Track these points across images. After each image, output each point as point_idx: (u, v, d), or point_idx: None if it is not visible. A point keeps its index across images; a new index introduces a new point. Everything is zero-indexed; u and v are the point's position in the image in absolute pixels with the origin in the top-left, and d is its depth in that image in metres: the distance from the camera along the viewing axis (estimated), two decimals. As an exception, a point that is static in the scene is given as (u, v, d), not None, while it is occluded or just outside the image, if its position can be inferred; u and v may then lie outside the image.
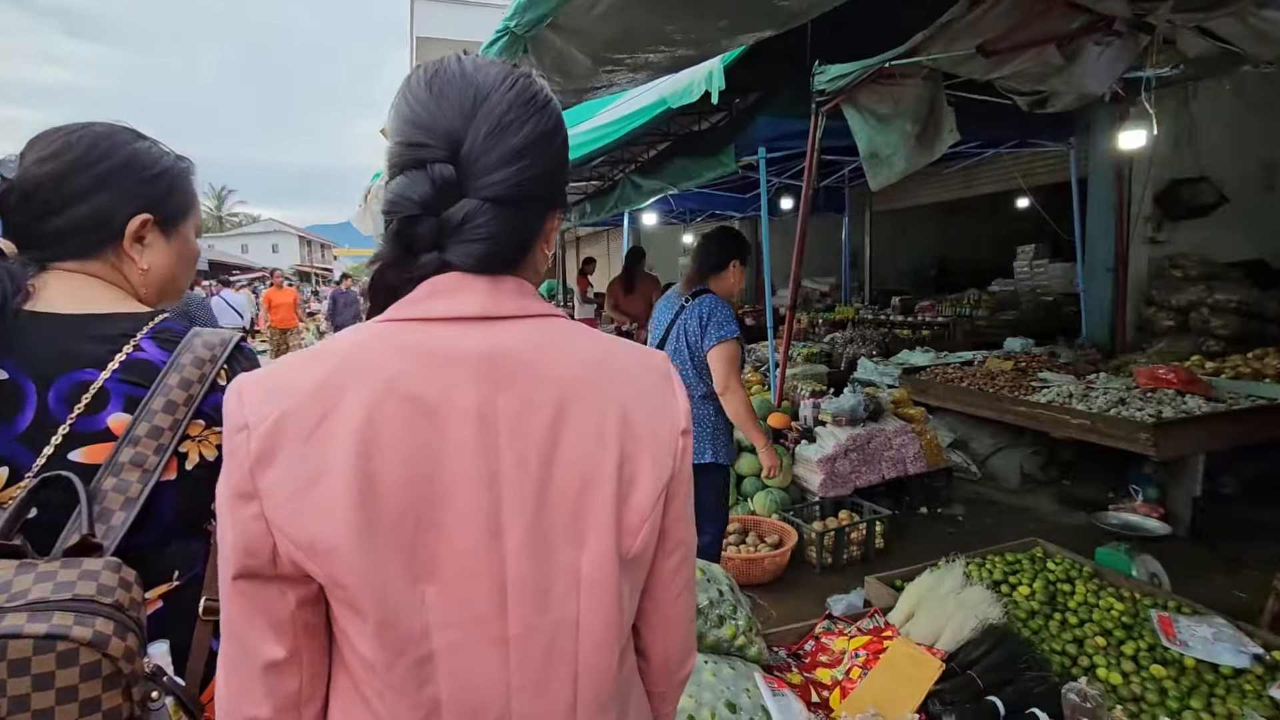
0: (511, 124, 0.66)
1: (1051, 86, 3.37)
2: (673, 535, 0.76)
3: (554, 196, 0.74)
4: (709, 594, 2.08)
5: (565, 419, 0.67)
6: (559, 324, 0.72)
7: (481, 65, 0.69)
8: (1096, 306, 6.01)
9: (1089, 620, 2.38)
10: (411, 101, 0.68)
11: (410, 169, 0.66)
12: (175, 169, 1.01)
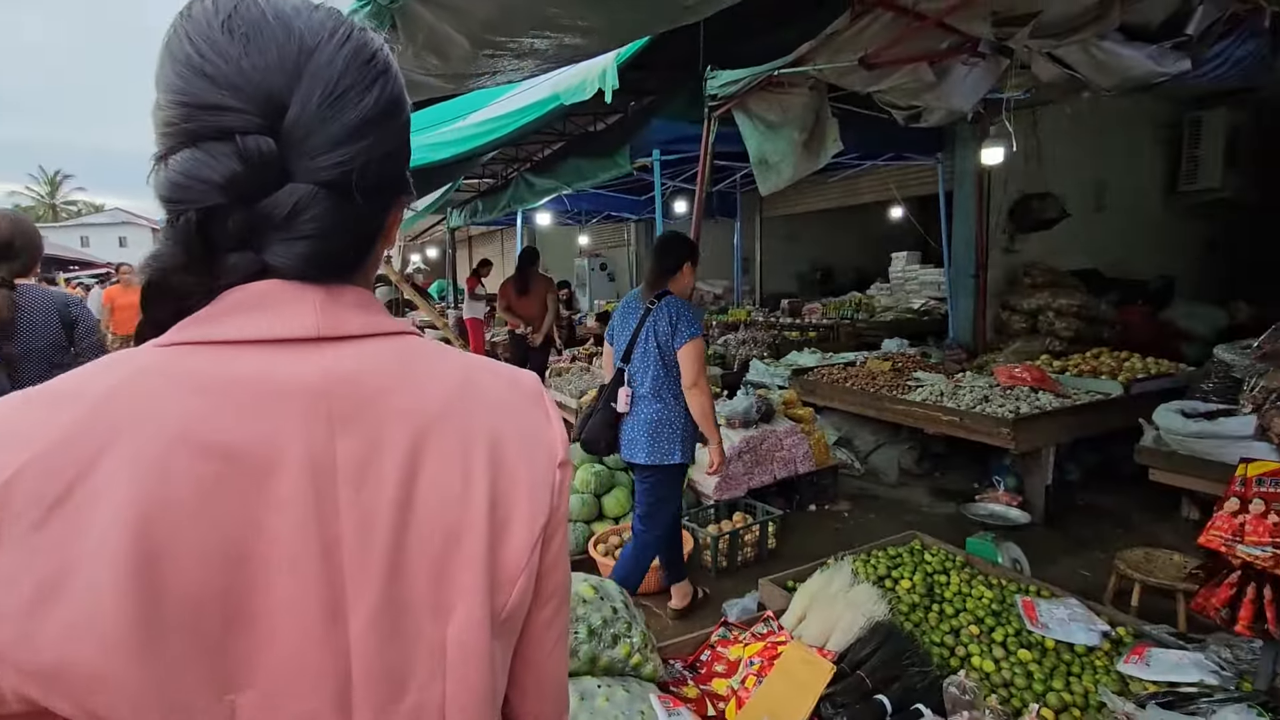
0: (350, 90, 0.52)
1: (925, 102, 3.57)
2: (550, 581, 0.65)
3: (399, 182, 0.61)
4: (602, 613, 1.98)
5: (423, 461, 0.54)
6: (412, 343, 0.59)
7: (295, 6, 0.53)
8: (961, 310, 6.50)
9: (963, 609, 2.50)
10: (201, 46, 0.50)
11: (206, 140, 0.49)
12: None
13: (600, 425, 2.68)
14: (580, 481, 3.63)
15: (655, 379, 2.63)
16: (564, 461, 0.64)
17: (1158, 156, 7.26)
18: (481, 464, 0.57)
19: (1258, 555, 1.69)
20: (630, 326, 2.68)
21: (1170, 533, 3.66)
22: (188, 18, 0.52)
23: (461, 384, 0.60)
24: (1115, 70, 3.00)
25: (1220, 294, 7.31)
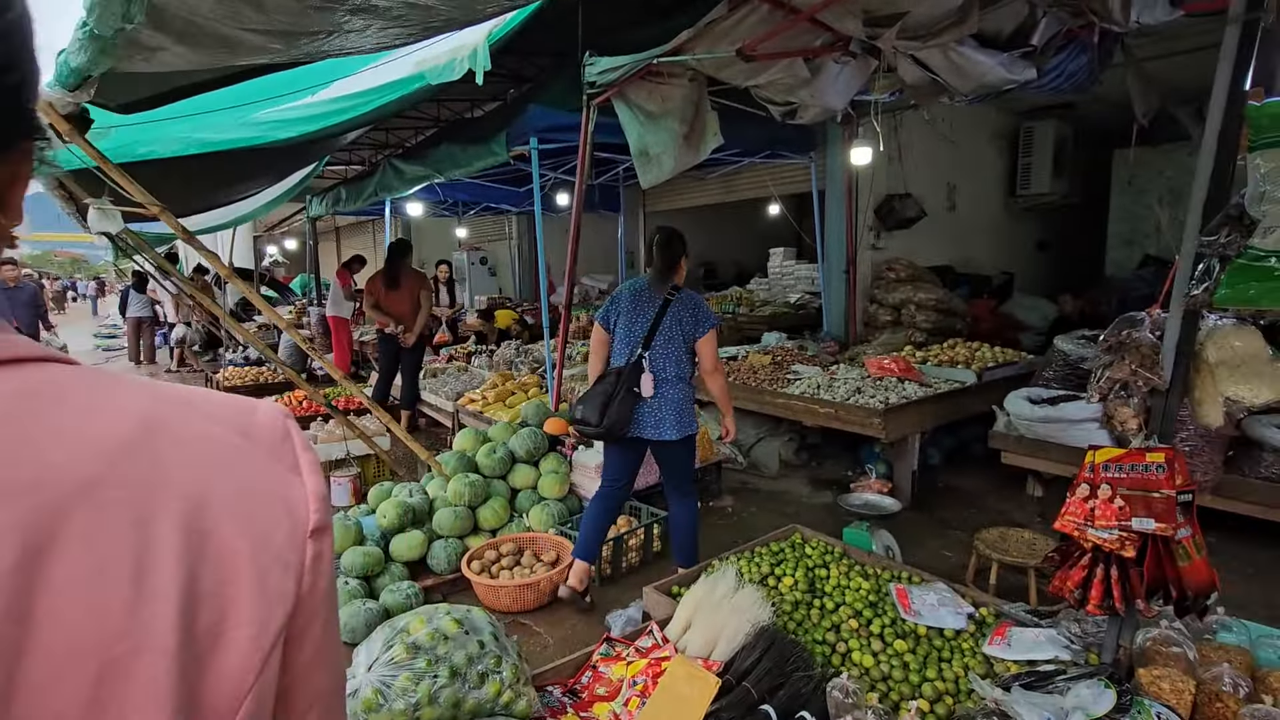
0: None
1: (800, 99, 3.60)
2: (305, 691, 0.46)
3: (18, 112, 0.39)
4: (467, 649, 1.77)
5: (51, 558, 0.35)
6: (49, 375, 0.39)
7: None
8: (834, 304, 6.79)
9: (843, 603, 2.52)
10: None
11: None
12: None
13: (625, 410, 2.78)
14: (453, 494, 3.35)
15: (679, 364, 2.85)
16: (318, 528, 0.45)
17: (998, 163, 7.96)
18: (168, 550, 0.38)
19: (1105, 538, 1.77)
20: (647, 316, 2.84)
21: (1019, 510, 3.96)
22: None
23: (138, 433, 0.39)
24: (972, 75, 3.15)
25: (1050, 288, 8.17)
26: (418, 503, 3.31)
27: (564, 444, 3.85)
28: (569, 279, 4.57)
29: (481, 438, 3.81)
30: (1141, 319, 1.87)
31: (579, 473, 3.69)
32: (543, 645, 2.72)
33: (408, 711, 1.63)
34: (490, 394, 5.16)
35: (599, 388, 2.83)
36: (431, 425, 6.11)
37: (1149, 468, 1.77)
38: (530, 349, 6.71)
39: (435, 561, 3.16)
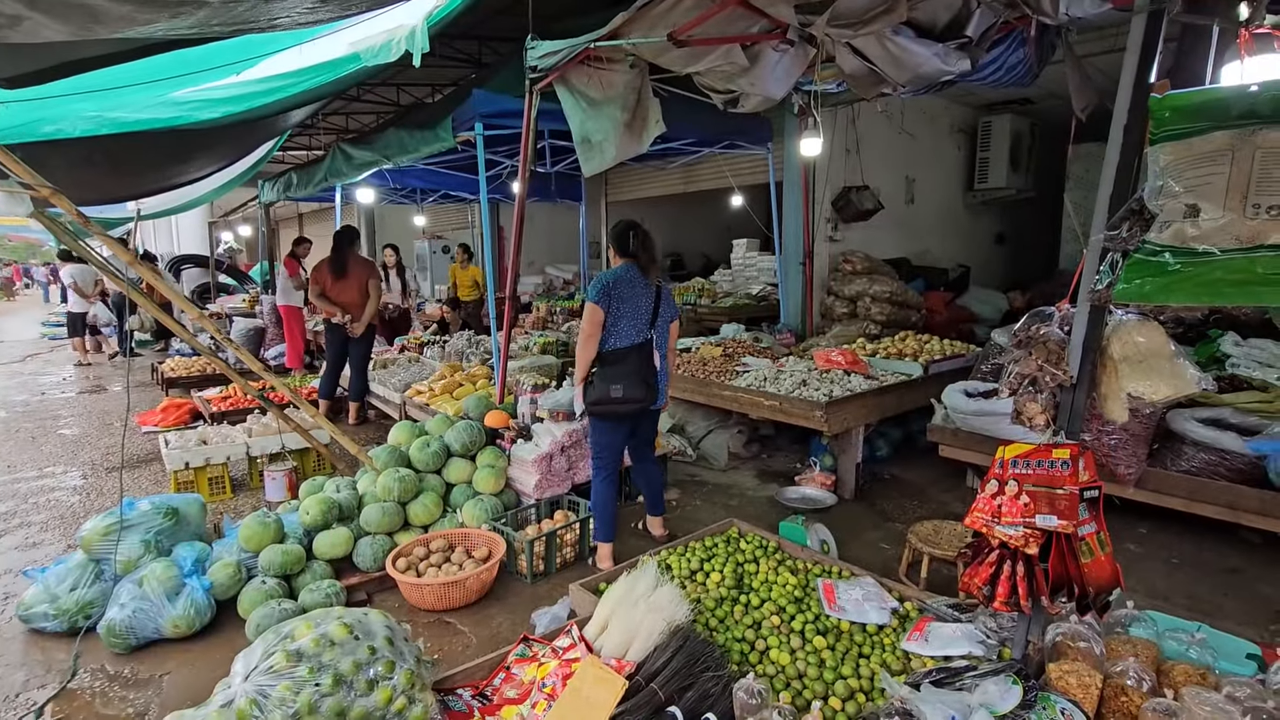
0: None
1: (739, 87, 3.53)
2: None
3: None
4: (355, 656, 1.69)
5: None
6: None
7: None
8: (791, 295, 6.78)
9: (768, 599, 2.49)
10: None
11: None
12: None
13: (643, 383, 3.08)
14: (381, 489, 3.25)
15: (663, 343, 3.26)
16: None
17: (957, 156, 8.02)
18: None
19: (1011, 534, 1.75)
20: (648, 301, 3.17)
21: (959, 503, 3.98)
22: None
23: None
24: (908, 65, 3.11)
25: (1007, 282, 8.28)
26: (345, 498, 3.21)
27: (503, 437, 3.76)
28: (513, 269, 4.46)
29: (417, 431, 3.70)
30: (1051, 314, 1.85)
31: (517, 467, 3.61)
32: (465, 645, 2.64)
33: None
34: (438, 385, 5.05)
35: (627, 366, 3.08)
36: (381, 417, 5.96)
37: (1054, 464, 1.75)
38: (482, 340, 6.59)
39: (361, 559, 3.07)
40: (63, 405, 7.02)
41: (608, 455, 3.23)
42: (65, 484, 4.54)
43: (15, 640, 2.68)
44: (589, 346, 3.08)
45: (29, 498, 4.26)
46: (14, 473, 4.76)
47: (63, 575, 2.74)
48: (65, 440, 5.62)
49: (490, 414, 3.90)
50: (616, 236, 3.34)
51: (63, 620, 2.66)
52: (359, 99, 8.56)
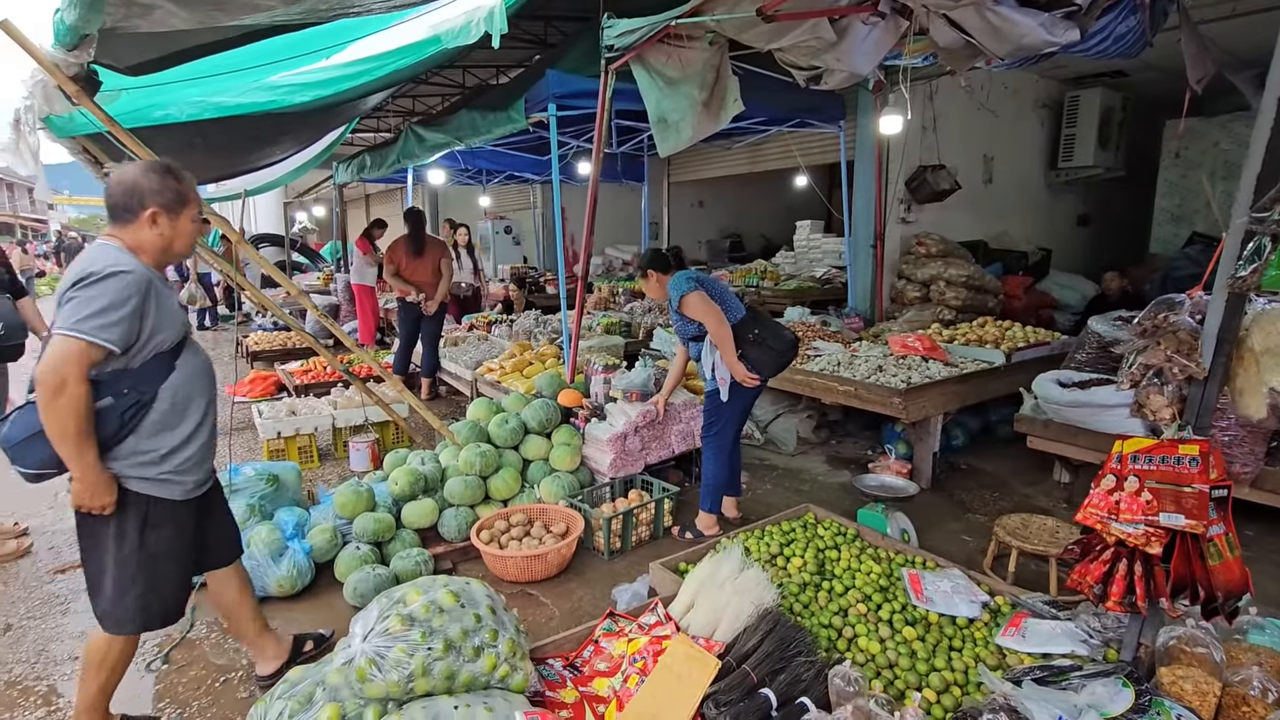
0: None
1: (825, 63, 3.42)
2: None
3: None
4: (463, 623, 1.75)
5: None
6: None
7: None
8: (860, 279, 6.61)
9: (852, 586, 2.46)
10: None
11: None
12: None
13: (776, 360, 3.17)
14: (463, 463, 3.35)
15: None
16: None
17: (1039, 133, 7.60)
18: None
19: (1130, 533, 1.68)
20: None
21: (1043, 496, 3.84)
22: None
23: None
24: (1009, 37, 2.95)
25: (1090, 266, 7.84)
26: (430, 471, 3.32)
27: (577, 416, 3.82)
28: (586, 250, 4.49)
29: (495, 408, 3.80)
30: (1181, 301, 1.74)
31: (591, 445, 3.66)
32: (549, 617, 2.72)
33: (401, 683, 1.63)
34: (508, 364, 5.15)
35: (774, 345, 3.15)
36: (452, 393, 6.14)
37: (1181, 460, 1.66)
38: (549, 319, 6.68)
39: (446, 529, 3.18)
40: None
41: (732, 430, 3.29)
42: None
43: (138, 592, 2.90)
44: (725, 322, 3.09)
45: (138, 461, 4.57)
46: (123, 437, 5.12)
47: (178, 534, 2.93)
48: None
49: (563, 393, 3.95)
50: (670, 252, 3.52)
51: (179, 575, 2.85)
52: (426, 81, 8.70)
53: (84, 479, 1.73)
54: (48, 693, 2.27)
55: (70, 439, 1.68)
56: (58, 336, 1.67)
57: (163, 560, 1.89)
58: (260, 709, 1.67)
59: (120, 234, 1.85)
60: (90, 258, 1.78)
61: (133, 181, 1.83)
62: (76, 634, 2.60)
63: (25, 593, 2.89)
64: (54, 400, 1.65)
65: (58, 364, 1.65)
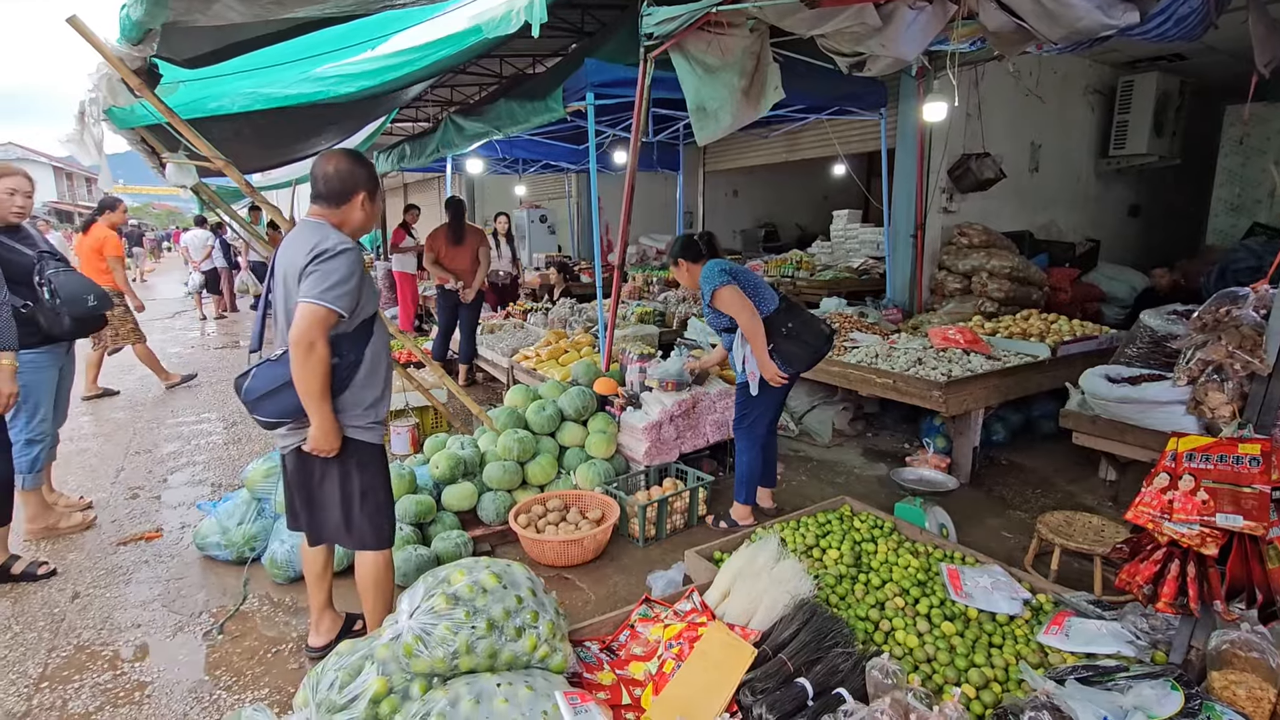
0: None
1: (869, 48, 3.36)
2: None
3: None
4: (505, 603, 1.80)
5: None
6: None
7: None
8: (899, 270, 6.49)
9: (889, 580, 2.45)
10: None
11: None
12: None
13: (811, 355, 3.15)
14: (502, 448, 3.41)
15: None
16: None
17: (1089, 120, 7.33)
18: None
19: (1184, 533, 1.63)
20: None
21: (1088, 494, 3.75)
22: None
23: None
24: (1064, 20, 2.85)
25: (1141, 258, 7.57)
26: (469, 455, 3.40)
27: (612, 404, 3.85)
28: (623, 239, 4.50)
29: (532, 395, 3.85)
30: (1245, 295, 1.68)
31: (626, 433, 3.69)
32: (584, 601, 2.77)
33: (446, 659, 1.68)
34: (544, 351, 5.21)
35: (809, 339, 3.11)
36: (488, 380, 6.24)
37: (1240, 460, 1.61)
38: (584, 308, 6.72)
39: (484, 513, 3.25)
40: (209, 357, 7.77)
41: (764, 422, 3.28)
42: (218, 429, 5.05)
43: (194, 565, 3.04)
44: (758, 319, 3.05)
45: (191, 440, 4.77)
46: (176, 417, 5.34)
47: (230, 511, 3.06)
48: (214, 390, 6.24)
49: (599, 381, 3.99)
50: (703, 239, 3.42)
51: (232, 550, 2.98)
52: (464, 71, 8.76)
53: (322, 426, 1.99)
54: (113, 658, 2.40)
55: (316, 393, 1.95)
56: (306, 304, 1.90)
57: (382, 491, 2.21)
58: (313, 679, 1.74)
59: (328, 214, 2.06)
60: (315, 235, 1.99)
61: (348, 169, 2.06)
62: (138, 603, 2.74)
63: (91, 563, 3.05)
64: (306, 359, 1.90)
65: (307, 329, 1.89)
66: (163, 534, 3.32)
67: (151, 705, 2.15)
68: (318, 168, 2.06)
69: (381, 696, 1.66)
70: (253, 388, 2.02)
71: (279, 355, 2.01)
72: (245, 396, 2.04)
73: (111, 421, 5.26)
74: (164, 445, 4.67)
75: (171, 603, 2.74)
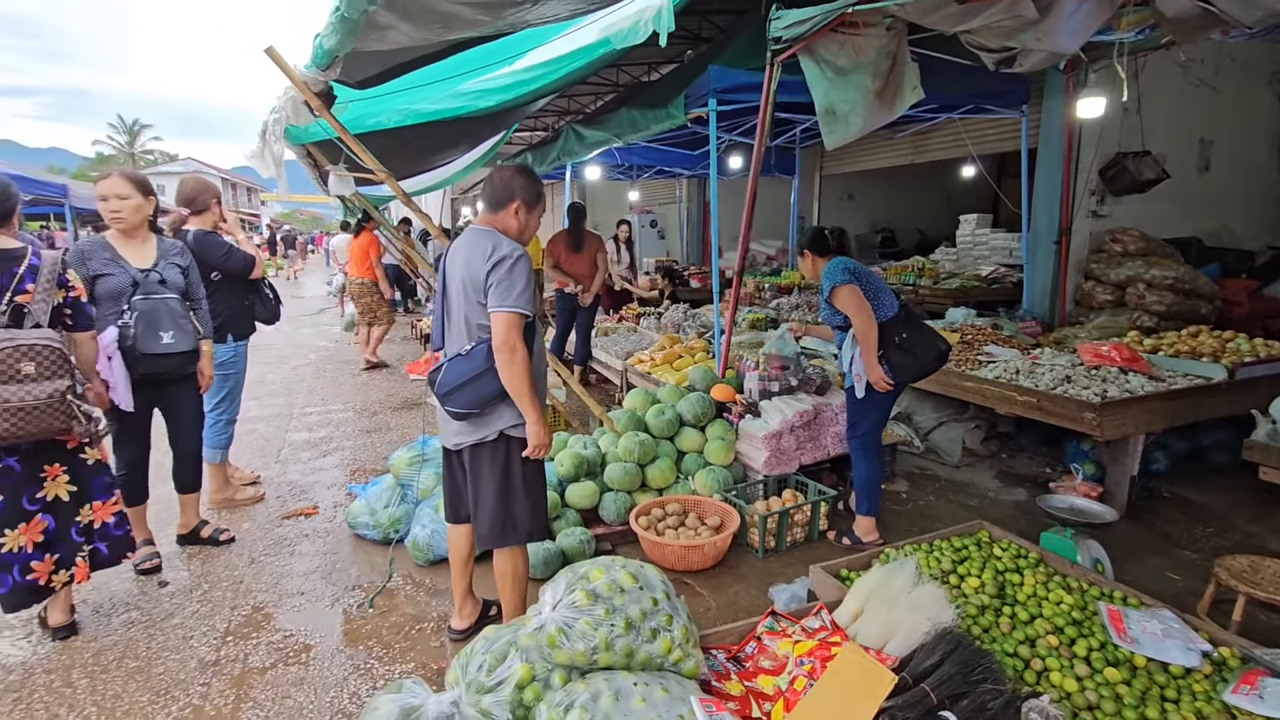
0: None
1: (1022, 42, 3.14)
2: None
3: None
4: (641, 604, 1.83)
5: None
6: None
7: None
8: (1039, 278, 6.01)
9: (1039, 615, 2.27)
10: None
11: None
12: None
13: (920, 369, 3.11)
14: (623, 450, 3.49)
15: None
16: None
17: (1274, 111, 6.46)
18: None
19: None
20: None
21: (1274, 536, 3.30)
22: None
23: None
24: (1261, 1, 2.54)
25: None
26: (591, 455, 3.49)
27: (730, 411, 3.83)
28: (743, 244, 4.47)
29: (651, 399, 3.90)
30: None
31: (745, 441, 3.66)
32: (705, 608, 2.77)
33: (586, 654, 1.74)
34: (658, 355, 5.27)
35: (920, 354, 3.05)
36: (601, 382, 6.39)
37: None
38: (698, 313, 6.73)
39: (606, 512, 3.33)
40: (352, 351, 8.49)
41: (881, 429, 3.23)
42: (359, 418, 5.50)
43: (346, 542, 3.33)
44: (873, 323, 3.01)
45: (340, 426, 5.24)
46: (326, 405, 5.88)
47: (378, 494, 3.33)
48: (356, 382, 6.81)
49: (716, 387, 3.98)
50: (833, 232, 3.44)
51: (378, 531, 3.24)
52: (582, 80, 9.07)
53: (538, 420, 2.17)
54: (283, 620, 2.68)
55: (525, 390, 2.12)
56: (502, 313, 2.07)
57: (536, 488, 2.33)
58: (462, 660, 1.86)
59: (492, 220, 2.24)
60: (488, 242, 2.14)
61: (509, 179, 2.24)
62: (301, 573, 3.03)
63: (262, 533, 3.42)
64: (512, 362, 2.08)
65: (507, 334, 2.07)
66: (318, 510, 3.67)
67: (315, 667, 2.38)
68: (487, 177, 2.24)
69: (526, 683, 1.75)
70: (444, 382, 2.17)
71: (468, 350, 2.16)
72: (438, 390, 2.19)
73: (272, 406, 5.87)
74: (317, 430, 5.15)
75: (329, 575, 3.02)
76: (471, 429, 2.23)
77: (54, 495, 2.39)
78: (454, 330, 2.27)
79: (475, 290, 2.14)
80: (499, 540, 2.30)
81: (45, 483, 2.37)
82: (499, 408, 2.21)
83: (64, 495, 2.41)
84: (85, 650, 2.46)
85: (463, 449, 2.29)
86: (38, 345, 2.16)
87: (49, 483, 2.38)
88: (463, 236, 2.26)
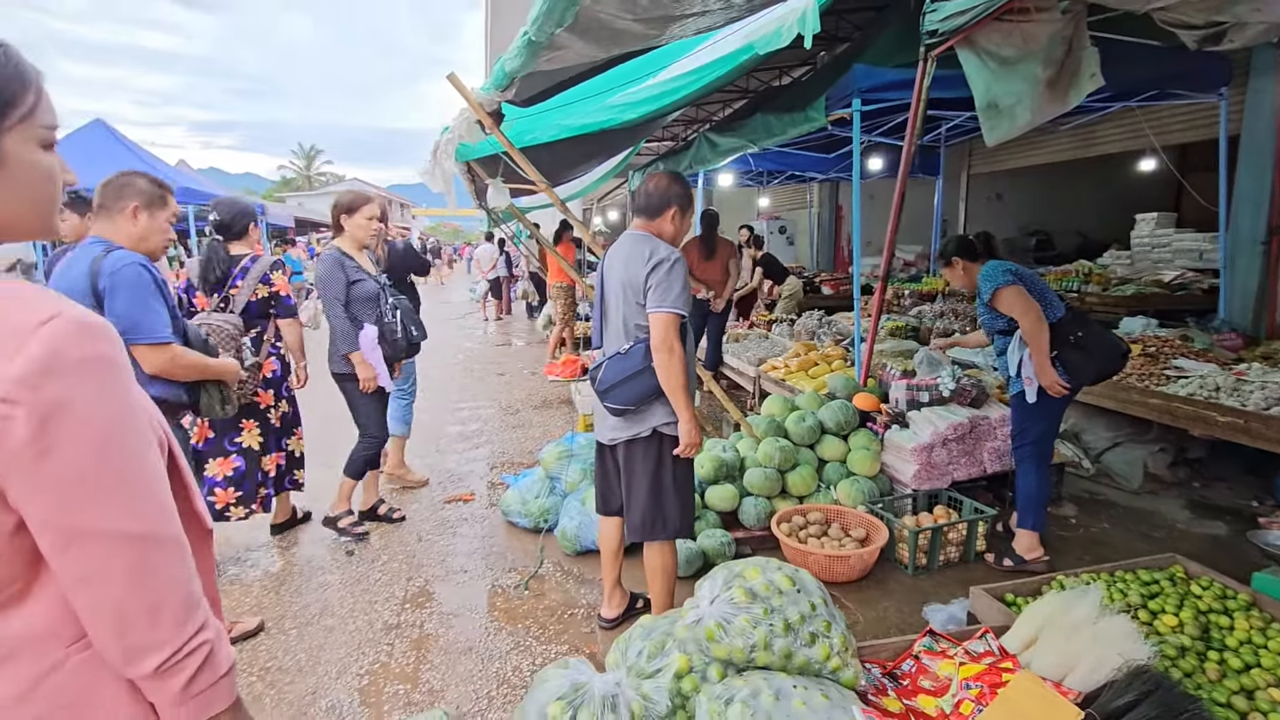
0: None
1: (1236, 15, 2.79)
2: (32, 522, 0.66)
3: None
4: (799, 607, 1.82)
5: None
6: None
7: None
8: (1240, 285, 5.25)
9: (1256, 665, 2.00)
10: None
11: None
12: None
13: (1098, 369, 2.93)
14: (763, 455, 3.46)
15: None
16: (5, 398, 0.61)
17: None
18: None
19: None
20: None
21: None
22: None
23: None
24: None
25: None
26: (730, 459, 3.50)
27: (874, 421, 3.69)
28: (889, 248, 4.29)
29: (790, 405, 3.85)
30: None
31: (892, 453, 3.51)
32: (853, 621, 2.68)
33: (745, 650, 1.75)
34: (793, 362, 5.18)
35: (1099, 352, 2.87)
36: (731, 387, 6.38)
37: None
38: (832, 320, 6.54)
39: (745, 516, 3.33)
40: (494, 353, 9.09)
41: (1052, 438, 3.03)
42: (506, 414, 5.87)
43: (500, 528, 3.57)
44: (1043, 320, 2.83)
45: (488, 421, 5.63)
46: (476, 401, 6.34)
47: (529, 485, 3.54)
48: (499, 381, 7.28)
49: (859, 396, 3.85)
50: (980, 237, 3.30)
51: (529, 519, 3.45)
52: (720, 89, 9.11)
53: (691, 419, 2.24)
54: (450, 594, 2.93)
55: (681, 388, 2.20)
56: (660, 314, 2.17)
57: (686, 486, 2.40)
58: (621, 645, 1.94)
59: (649, 225, 2.35)
60: (646, 246, 2.25)
61: (665, 186, 2.34)
62: (463, 553, 3.30)
63: (428, 514, 3.75)
64: (669, 360, 2.17)
65: (665, 334, 2.16)
66: (474, 497, 3.96)
67: (481, 639, 2.58)
68: (641, 185, 2.33)
69: (684, 673, 1.79)
70: (604, 379, 2.28)
71: (627, 349, 2.26)
72: (598, 387, 2.30)
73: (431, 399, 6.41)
74: (468, 424, 5.57)
75: (486, 557, 3.25)
76: (627, 425, 2.32)
77: (247, 444, 3.06)
78: (612, 330, 2.38)
79: (634, 292, 2.24)
80: (649, 534, 2.37)
81: (242, 433, 3.05)
82: (654, 405, 2.28)
83: (254, 445, 3.08)
84: (295, 603, 2.83)
85: (617, 444, 2.39)
86: (216, 324, 2.73)
87: (244, 434, 3.06)
88: (620, 241, 2.37)
